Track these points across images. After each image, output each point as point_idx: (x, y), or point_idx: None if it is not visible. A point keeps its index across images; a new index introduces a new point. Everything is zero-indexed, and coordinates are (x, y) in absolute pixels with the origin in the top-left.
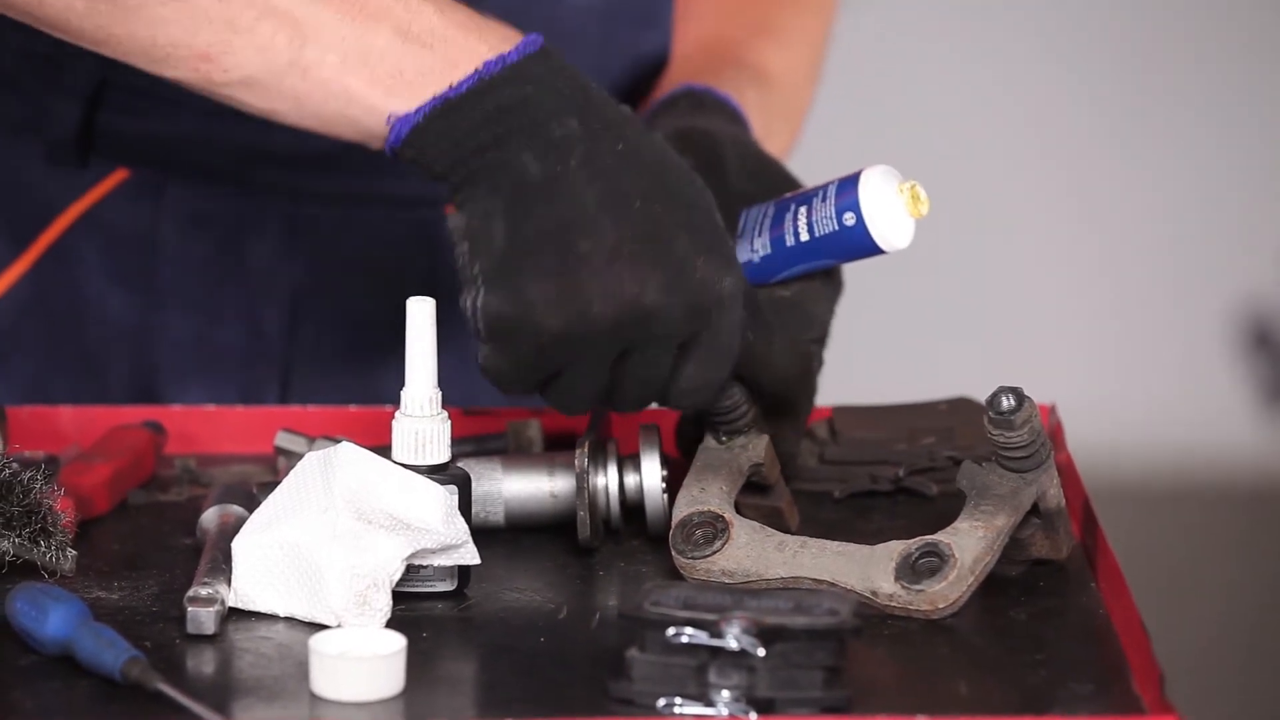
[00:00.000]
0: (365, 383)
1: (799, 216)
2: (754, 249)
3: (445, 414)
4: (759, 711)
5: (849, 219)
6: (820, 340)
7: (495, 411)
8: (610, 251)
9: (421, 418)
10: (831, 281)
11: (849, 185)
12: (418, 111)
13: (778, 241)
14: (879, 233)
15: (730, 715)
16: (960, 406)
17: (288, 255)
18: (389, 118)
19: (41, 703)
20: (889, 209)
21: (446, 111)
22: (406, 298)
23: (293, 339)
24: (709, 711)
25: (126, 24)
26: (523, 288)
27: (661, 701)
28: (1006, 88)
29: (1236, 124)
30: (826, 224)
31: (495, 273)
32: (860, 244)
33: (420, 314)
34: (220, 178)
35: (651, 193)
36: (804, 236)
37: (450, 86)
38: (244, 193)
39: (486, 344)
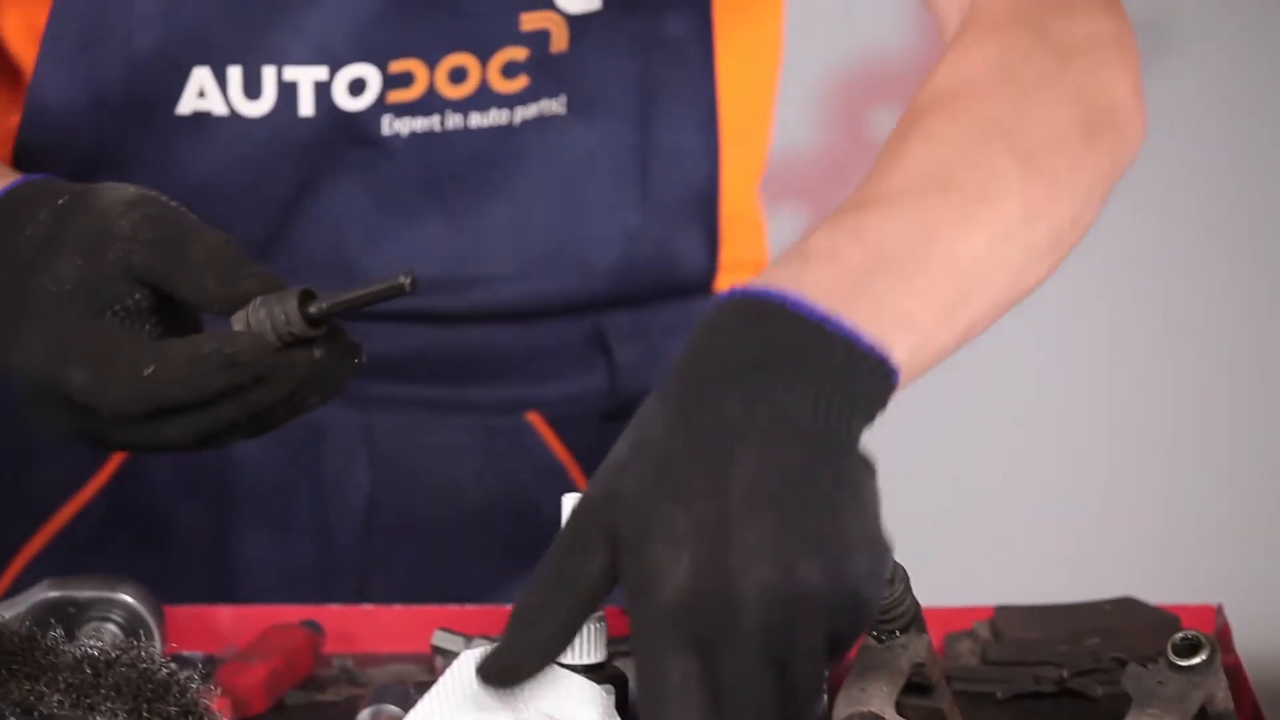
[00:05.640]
0: (439, 596)
1: None
2: None
3: (601, 612)
4: None
5: None
6: None
7: None
8: None
9: None
10: None
11: None
12: None
13: None
14: None
15: None
16: (1124, 606)
17: (359, 465)
18: None
19: None
20: None
21: None
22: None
23: (367, 550)
24: None
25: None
26: None
27: None
28: None
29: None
30: None
31: None
32: None
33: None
34: None
35: None
36: None
37: None
38: None
39: None
